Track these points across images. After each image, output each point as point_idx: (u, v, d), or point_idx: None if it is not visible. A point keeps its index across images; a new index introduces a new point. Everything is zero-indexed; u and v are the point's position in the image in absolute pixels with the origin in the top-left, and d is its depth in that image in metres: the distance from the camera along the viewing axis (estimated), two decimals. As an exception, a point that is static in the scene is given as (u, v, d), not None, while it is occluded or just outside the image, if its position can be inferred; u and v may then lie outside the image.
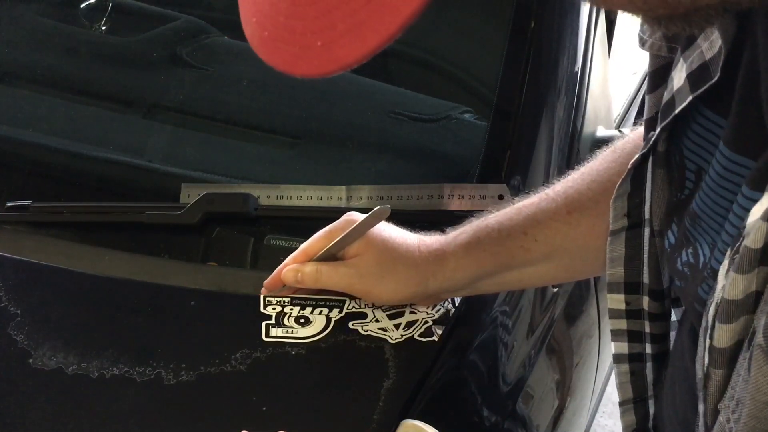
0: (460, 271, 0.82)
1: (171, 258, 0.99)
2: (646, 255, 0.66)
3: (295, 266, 0.84)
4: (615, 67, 1.43)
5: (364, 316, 0.86)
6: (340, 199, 1.02)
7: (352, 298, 0.87)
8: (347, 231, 0.81)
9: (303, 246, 0.85)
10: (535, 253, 0.81)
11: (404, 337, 0.83)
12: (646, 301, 0.67)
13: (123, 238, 1.00)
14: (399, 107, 1.18)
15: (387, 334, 0.83)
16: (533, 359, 0.97)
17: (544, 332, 1.02)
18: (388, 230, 0.84)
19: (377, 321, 0.85)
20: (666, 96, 0.58)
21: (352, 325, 0.85)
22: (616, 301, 0.69)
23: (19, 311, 0.86)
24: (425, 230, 0.86)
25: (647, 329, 0.68)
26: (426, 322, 0.85)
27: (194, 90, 1.25)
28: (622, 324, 0.70)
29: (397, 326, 0.84)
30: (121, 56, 1.29)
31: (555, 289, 1.05)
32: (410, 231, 0.85)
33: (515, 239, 0.81)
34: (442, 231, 0.85)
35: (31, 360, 0.81)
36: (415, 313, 0.86)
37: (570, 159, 1.12)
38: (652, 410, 0.72)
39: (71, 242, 0.99)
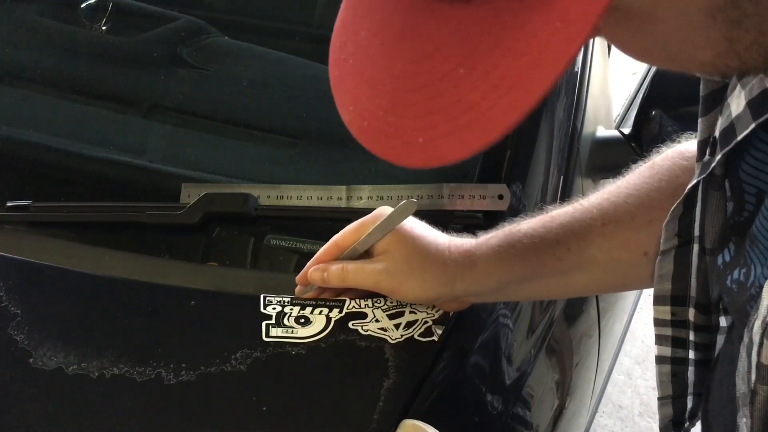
0: (488, 275, 0.81)
1: (171, 258, 0.99)
2: (694, 270, 0.66)
3: (321, 266, 0.84)
4: (615, 67, 1.43)
5: (364, 316, 0.86)
6: (340, 199, 1.02)
7: (352, 298, 0.87)
8: (374, 227, 0.81)
9: (335, 238, 0.84)
10: (566, 263, 0.80)
11: (404, 337, 0.83)
12: (692, 312, 0.67)
13: (123, 238, 1.01)
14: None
15: (387, 334, 0.83)
16: (533, 359, 0.97)
17: (544, 332, 1.02)
18: (418, 228, 0.83)
19: (377, 321, 0.85)
20: (724, 122, 0.58)
21: (352, 325, 0.85)
22: (662, 312, 0.70)
23: (19, 311, 0.86)
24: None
25: (692, 338, 0.69)
26: (426, 322, 0.85)
27: (194, 90, 1.25)
28: (667, 331, 0.71)
29: (397, 326, 0.84)
30: (121, 56, 1.29)
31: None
32: (442, 231, 0.84)
33: (548, 247, 0.80)
34: (473, 233, 0.84)
35: (31, 360, 0.81)
36: (415, 313, 0.86)
37: (570, 159, 1.12)
38: (689, 405, 0.72)
39: (71, 242, 0.99)
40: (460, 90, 0.42)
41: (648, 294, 2.82)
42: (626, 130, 1.21)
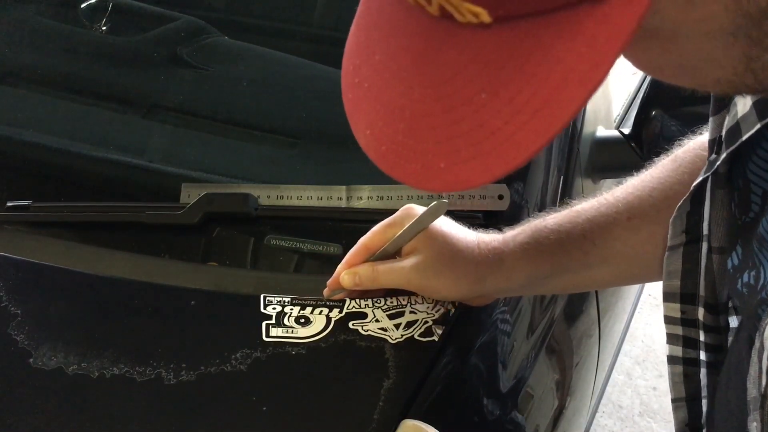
0: (516, 271, 0.82)
1: (171, 258, 0.99)
2: (703, 269, 0.67)
3: (352, 269, 0.84)
4: (615, 67, 1.43)
5: (364, 316, 0.86)
6: (340, 199, 1.02)
7: (352, 298, 0.87)
8: (404, 229, 0.81)
9: (362, 241, 0.85)
10: (592, 257, 0.81)
11: (404, 337, 0.83)
12: (701, 312, 0.68)
13: (123, 238, 1.00)
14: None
15: (387, 334, 0.83)
16: (533, 359, 0.97)
17: (544, 332, 1.02)
18: (446, 225, 0.84)
19: (377, 321, 0.85)
20: (730, 121, 0.58)
21: (352, 325, 0.85)
22: (672, 309, 0.70)
23: (19, 311, 0.86)
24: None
25: (702, 338, 0.69)
26: (426, 322, 0.85)
27: (194, 90, 1.25)
28: (678, 330, 0.71)
29: (397, 326, 0.84)
30: (121, 56, 1.29)
31: (555, 289, 1.05)
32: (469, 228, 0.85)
33: (574, 242, 0.81)
34: (500, 229, 0.85)
35: (31, 360, 0.81)
36: (415, 313, 0.86)
37: (570, 159, 1.12)
38: (704, 409, 0.72)
39: (71, 242, 0.99)
40: (482, 115, 0.41)
41: (648, 294, 2.83)
42: (626, 130, 1.21)
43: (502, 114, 0.40)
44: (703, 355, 0.69)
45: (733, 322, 0.67)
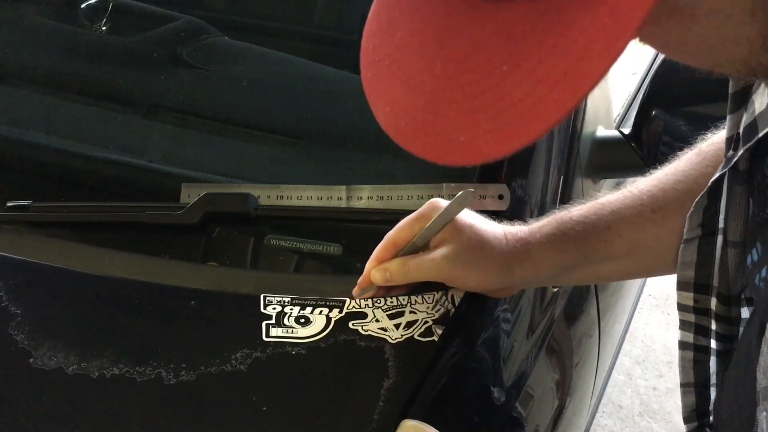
0: (543, 263, 0.83)
1: (171, 258, 0.99)
2: (717, 261, 0.67)
3: (382, 266, 0.84)
4: (615, 67, 1.43)
5: (364, 316, 0.86)
6: (340, 199, 1.02)
7: (352, 298, 0.87)
8: (431, 221, 0.81)
9: (390, 236, 0.85)
10: (617, 248, 0.82)
11: (404, 337, 0.83)
12: (713, 302, 0.68)
13: (123, 238, 1.00)
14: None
15: (387, 334, 0.83)
16: (533, 359, 0.97)
17: (544, 332, 1.02)
18: (473, 217, 0.84)
19: (377, 321, 0.85)
20: (747, 118, 0.59)
21: (352, 325, 0.84)
22: (685, 297, 0.72)
23: (19, 311, 0.86)
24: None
25: (713, 327, 0.70)
26: (426, 322, 0.85)
27: (194, 90, 1.25)
28: (690, 317, 0.72)
29: (397, 326, 0.84)
30: (121, 56, 1.29)
31: (555, 289, 1.05)
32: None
33: (599, 233, 0.82)
34: (524, 221, 0.86)
35: (31, 360, 0.81)
36: (415, 313, 0.86)
37: (570, 159, 1.12)
38: (713, 396, 0.73)
39: (71, 242, 0.99)
40: (503, 87, 0.42)
41: (648, 294, 2.83)
42: (626, 130, 1.21)
43: (523, 86, 0.41)
44: (713, 344, 0.70)
45: (745, 313, 0.67)
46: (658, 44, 0.48)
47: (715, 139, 0.80)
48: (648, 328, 2.65)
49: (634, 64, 1.78)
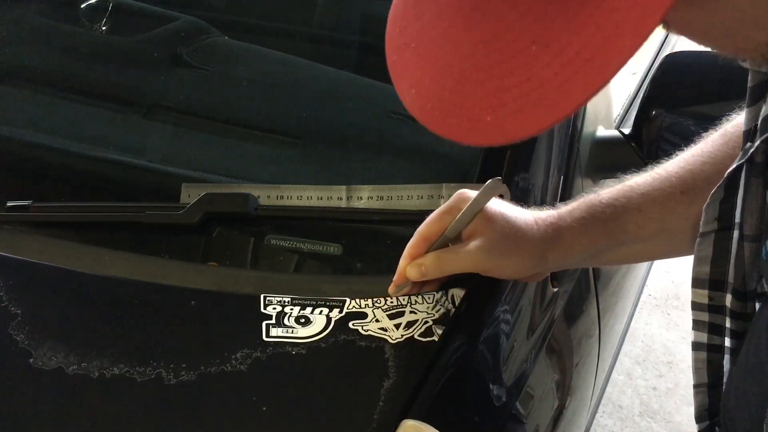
0: (575, 247, 0.83)
1: (171, 258, 0.99)
2: (733, 256, 0.67)
3: (416, 261, 0.84)
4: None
5: (364, 316, 0.86)
6: (340, 199, 1.02)
7: (352, 298, 0.87)
8: (462, 212, 0.81)
9: (420, 231, 0.84)
10: (647, 231, 0.83)
11: (404, 337, 0.83)
12: (728, 299, 0.68)
13: (123, 238, 1.00)
14: (399, 107, 1.17)
15: (387, 334, 0.83)
16: (533, 359, 0.97)
17: (544, 332, 1.02)
18: (501, 205, 0.84)
19: (377, 321, 0.85)
20: (766, 110, 0.59)
21: (352, 325, 0.84)
22: (700, 295, 0.71)
23: (19, 311, 0.86)
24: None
25: (728, 324, 0.69)
26: (426, 322, 0.85)
27: (194, 90, 1.25)
28: (704, 316, 0.72)
29: (397, 326, 0.84)
30: (121, 56, 1.29)
31: (555, 289, 1.05)
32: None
33: (630, 216, 0.83)
34: (552, 205, 0.87)
35: (31, 360, 0.81)
36: (415, 313, 0.86)
37: (570, 159, 1.12)
38: None
39: (71, 242, 0.99)
40: (532, 67, 0.42)
41: (648, 294, 2.83)
42: (626, 130, 1.21)
43: (552, 65, 0.41)
44: (728, 342, 0.70)
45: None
46: (682, 28, 0.48)
47: (739, 120, 0.80)
48: (648, 328, 2.65)
49: (634, 64, 1.78)
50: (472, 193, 0.83)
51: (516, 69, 0.42)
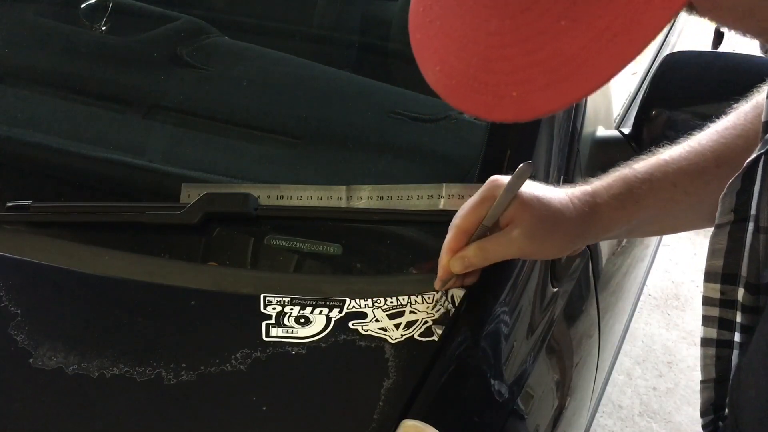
0: (612, 222, 0.84)
1: (171, 258, 0.99)
2: (747, 249, 0.67)
3: (459, 255, 0.83)
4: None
5: (364, 316, 0.86)
6: (340, 199, 1.02)
7: (352, 298, 0.87)
8: (497, 200, 0.81)
9: (458, 224, 0.84)
10: (682, 205, 0.83)
11: (404, 337, 0.83)
12: (741, 293, 0.68)
13: (123, 238, 1.00)
14: (399, 107, 1.18)
15: (387, 334, 0.83)
16: (533, 359, 0.97)
17: (544, 332, 1.02)
18: (535, 187, 0.84)
19: (377, 321, 0.85)
20: None
21: (352, 325, 0.85)
22: (711, 289, 0.71)
23: (19, 311, 0.86)
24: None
25: (738, 319, 0.69)
26: (426, 322, 0.85)
27: (194, 90, 1.25)
28: (714, 312, 0.72)
29: (397, 326, 0.84)
30: (121, 56, 1.29)
31: (555, 289, 1.05)
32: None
33: (665, 191, 0.83)
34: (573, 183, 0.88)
35: (31, 360, 0.81)
36: (415, 313, 0.86)
37: (570, 159, 1.12)
38: None
39: (71, 242, 0.99)
40: (559, 42, 0.42)
41: (648, 294, 2.82)
42: (626, 130, 1.21)
43: (580, 40, 0.41)
44: (737, 337, 0.70)
45: None
46: (707, 9, 0.48)
47: None
48: (648, 328, 2.65)
49: (633, 65, 1.78)
50: (504, 179, 0.82)
51: (543, 45, 0.42)
